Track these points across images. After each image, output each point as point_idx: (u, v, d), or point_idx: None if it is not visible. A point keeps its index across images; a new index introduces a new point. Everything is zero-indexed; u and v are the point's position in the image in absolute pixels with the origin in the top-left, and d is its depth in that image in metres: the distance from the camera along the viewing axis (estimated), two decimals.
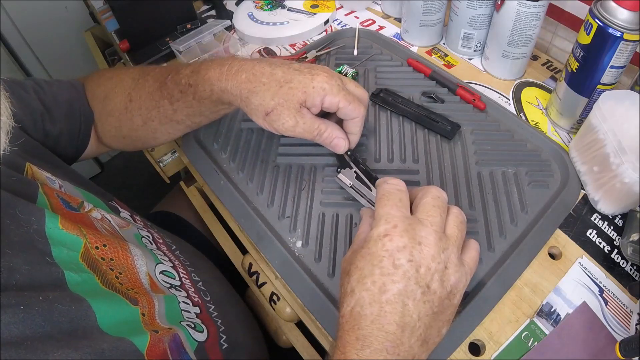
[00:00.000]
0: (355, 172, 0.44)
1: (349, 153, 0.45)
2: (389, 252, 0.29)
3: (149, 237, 0.44)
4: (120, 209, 0.45)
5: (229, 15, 0.75)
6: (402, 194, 0.33)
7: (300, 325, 0.44)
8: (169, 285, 0.39)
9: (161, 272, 0.39)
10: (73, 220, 0.34)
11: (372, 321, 0.28)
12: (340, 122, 0.43)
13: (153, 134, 0.49)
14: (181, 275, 0.42)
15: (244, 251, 0.49)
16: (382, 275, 0.29)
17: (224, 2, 0.77)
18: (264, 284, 0.45)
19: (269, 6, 0.75)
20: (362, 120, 0.42)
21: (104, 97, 0.49)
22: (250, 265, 0.47)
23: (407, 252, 0.29)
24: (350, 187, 0.43)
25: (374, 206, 0.40)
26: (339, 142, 0.42)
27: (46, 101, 0.45)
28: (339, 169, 0.46)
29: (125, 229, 0.40)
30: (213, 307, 0.42)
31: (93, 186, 0.45)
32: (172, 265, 0.42)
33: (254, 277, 0.46)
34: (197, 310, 0.40)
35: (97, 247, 0.33)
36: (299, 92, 0.38)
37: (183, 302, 0.39)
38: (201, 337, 0.37)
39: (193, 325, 0.37)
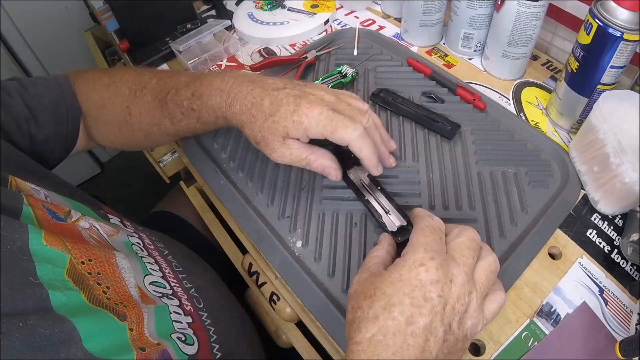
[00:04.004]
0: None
1: (352, 155, 0.45)
2: (422, 282, 0.29)
3: (140, 243, 0.43)
4: (110, 216, 0.44)
5: (229, 15, 0.75)
6: (442, 234, 0.33)
7: (300, 325, 0.44)
8: (161, 295, 0.38)
9: (151, 283, 0.38)
10: (58, 232, 0.33)
11: (394, 353, 0.27)
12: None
13: (156, 144, 0.51)
14: (172, 283, 0.41)
15: (244, 251, 0.49)
16: (411, 306, 0.28)
17: (224, 2, 0.78)
18: (264, 284, 0.45)
19: (269, 6, 0.75)
20: (360, 141, 0.39)
21: (101, 106, 0.49)
22: (250, 265, 0.47)
23: (439, 287, 0.28)
24: (361, 182, 0.44)
25: (380, 210, 0.41)
26: (329, 171, 0.42)
27: (31, 105, 0.45)
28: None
29: (114, 236, 0.40)
30: (206, 314, 0.42)
31: (81, 194, 0.45)
32: (161, 275, 0.41)
33: (254, 277, 0.46)
34: (189, 319, 0.39)
35: (82, 262, 0.33)
36: (280, 127, 0.38)
37: (174, 312, 0.38)
38: (191, 350, 0.36)
39: (184, 338, 0.37)
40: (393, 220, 0.39)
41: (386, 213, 0.40)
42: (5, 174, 0.36)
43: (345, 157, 0.45)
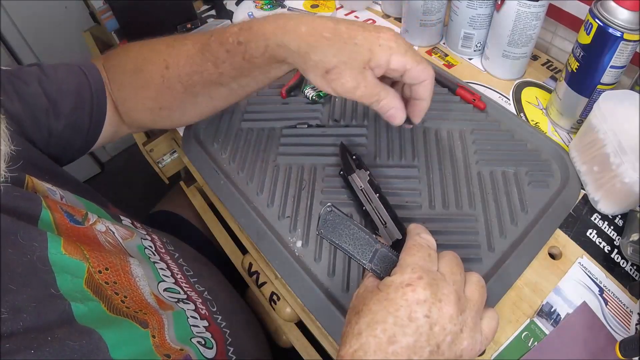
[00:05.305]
0: (369, 175, 0.44)
1: (354, 157, 0.45)
2: (408, 302, 0.28)
3: (152, 247, 0.43)
4: (121, 217, 0.44)
5: (228, 15, 0.75)
6: (432, 251, 0.31)
7: (300, 325, 0.44)
8: (176, 300, 0.39)
9: (165, 290, 0.39)
10: (76, 238, 0.33)
11: None
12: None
13: (194, 99, 0.45)
14: (185, 288, 0.41)
15: (244, 251, 0.49)
16: (394, 325, 0.27)
17: (224, 2, 0.77)
18: (264, 283, 0.45)
19: (269, 6, 0.75)
20: (432, 83, 0.38)
21: (135, 69, 0.44)
22: (250, 265, 0.47)
23: (427, 307, 0.27)
24: (361, 190, 0.43)
25: (377, 222, 0.40)
26: (395, 112, 0.38)
27: (51, 93, 0.41)
28: (341, 171, 0.47)
29: (128, 240, 0.39)
30: (220, 317, 0.42)
31: (91, 192, 0.44)
32: (174, 280, 0.41)
33: (254, 277, 0.46)
34: (206, 323, 0.39)
35: (99, 271, 0.33)
36: (364, 50, 0.34)
37: (191, 316, 0.38)
38: (211, 353, 0.37)
39: (203, 342, 0.37)
40: (389, 234, 0.39)
41: (383, 225, 0.40)
42: (21, 173, 0.34)
43: (348, 161, 0.45)
